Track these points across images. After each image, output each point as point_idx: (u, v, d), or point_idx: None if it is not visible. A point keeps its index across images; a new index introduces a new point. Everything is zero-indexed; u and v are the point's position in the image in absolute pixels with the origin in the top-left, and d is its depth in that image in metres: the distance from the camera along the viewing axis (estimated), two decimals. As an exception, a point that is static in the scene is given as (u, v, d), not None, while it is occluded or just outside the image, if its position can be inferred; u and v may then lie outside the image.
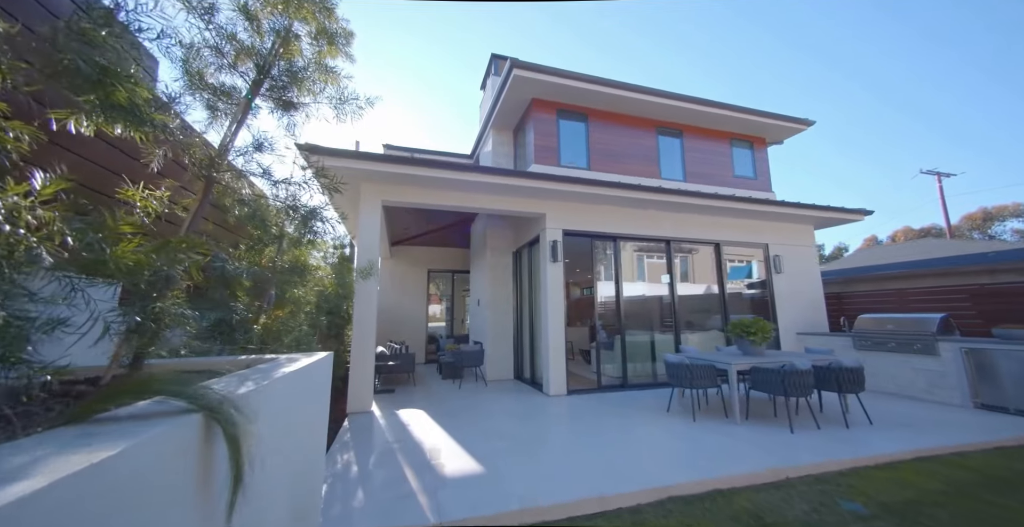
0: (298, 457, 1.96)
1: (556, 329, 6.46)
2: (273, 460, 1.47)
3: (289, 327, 3.29)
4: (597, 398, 6.11)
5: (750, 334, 5.14)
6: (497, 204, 6.51)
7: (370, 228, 5.82)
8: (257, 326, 2.85)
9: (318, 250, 4.92)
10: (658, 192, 6.72)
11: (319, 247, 4.87)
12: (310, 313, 4.67)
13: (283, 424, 1.73)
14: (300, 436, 2.03)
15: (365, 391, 5.45)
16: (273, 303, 3.18)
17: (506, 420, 4.89)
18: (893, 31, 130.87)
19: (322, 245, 4.87)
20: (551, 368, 6.30)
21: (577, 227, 6.91)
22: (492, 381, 7.76)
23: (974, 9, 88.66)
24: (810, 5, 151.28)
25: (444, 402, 5.98)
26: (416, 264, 11.71)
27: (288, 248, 3.07)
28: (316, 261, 5.18)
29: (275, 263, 2.97)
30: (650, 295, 7.59)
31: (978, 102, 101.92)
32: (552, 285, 6.58)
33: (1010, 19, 66.36)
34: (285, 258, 3.10)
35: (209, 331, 2.69)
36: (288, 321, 3.32)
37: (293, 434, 1.90)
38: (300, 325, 3.32)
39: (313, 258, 4.97)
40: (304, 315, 4.48)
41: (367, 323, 5.58)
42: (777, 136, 9.62)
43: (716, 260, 7.81)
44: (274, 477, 1.53)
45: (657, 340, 7.27)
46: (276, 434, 1.60)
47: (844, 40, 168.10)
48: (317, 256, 5.13)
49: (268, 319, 2.98)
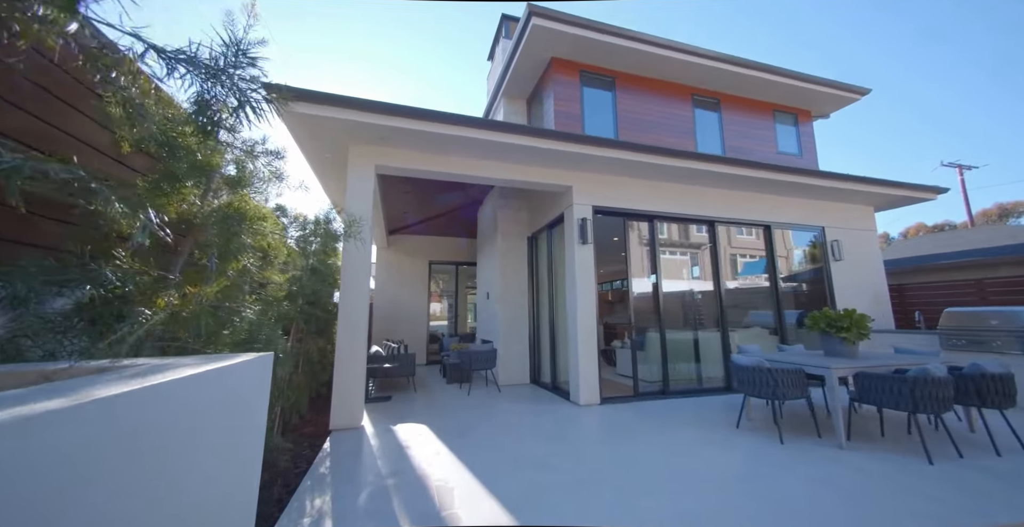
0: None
1: (587, 326, 5.36)
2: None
3: (229, 314, 2.17)
4: (636, 408, 5.01)
5: (841, 330, 4.04)
6: (514, 173, 5.41)
7: (361, 199, 4.72)
8: (160, 309, 1.75)
9: (289, 219, 3.81)
10: (708, 160, 5.62)
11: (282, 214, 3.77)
12: (277, 302, 3.57)
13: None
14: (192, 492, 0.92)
15: (354, 401, 4.35)
16: (216, 270, 2.08)
17: (534, 440, 3.79)
18: (892, 30, 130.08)
19: (273, 191, 3.76)
20: (581, 372, 5.20)
21: (608, 204, 5.81)
22: (505, 386, 6.67)
23: (973, 9, 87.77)
24: (809, 5, 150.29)
25: (452, 413, 4.87)
26: (416, 255, 10.61)
27: (223, 187, 1.96)
28: (288, 242, 4.07)
29: (199, 208, 1.87)
30: (674, 289, 6.49)
31: (978, 101, 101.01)
32: (581, 272, 5.47)
33: (1010, 19, 65.41)
34: (220, 204, 1.99)
35: (67, 319, 1.58)
36: (230, 304, 2.21)
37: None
38: (241, 309, 2.21)
39: (286, 236, 3.87)
40: (270, 304, 3.38)
41: (356, 314, 4.48)
42: (824, 108, 8.51)
43: (767, 245, 6.70)
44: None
45: (701, 339, 6.17)
46: None
47: (842, 39, 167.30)
48: (287, 227, 4.02)
49: (181, 300, 1.87)
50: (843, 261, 6.88)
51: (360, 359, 4.44)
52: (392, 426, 4.40)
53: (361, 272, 4.56)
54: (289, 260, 3.82)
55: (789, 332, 6.55)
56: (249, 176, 2.07)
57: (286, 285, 3.76)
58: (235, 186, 2.02)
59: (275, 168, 2.23)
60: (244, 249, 2.06)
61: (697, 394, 5.75)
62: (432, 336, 10.70)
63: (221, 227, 1.92)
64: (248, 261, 2.21)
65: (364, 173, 4.78)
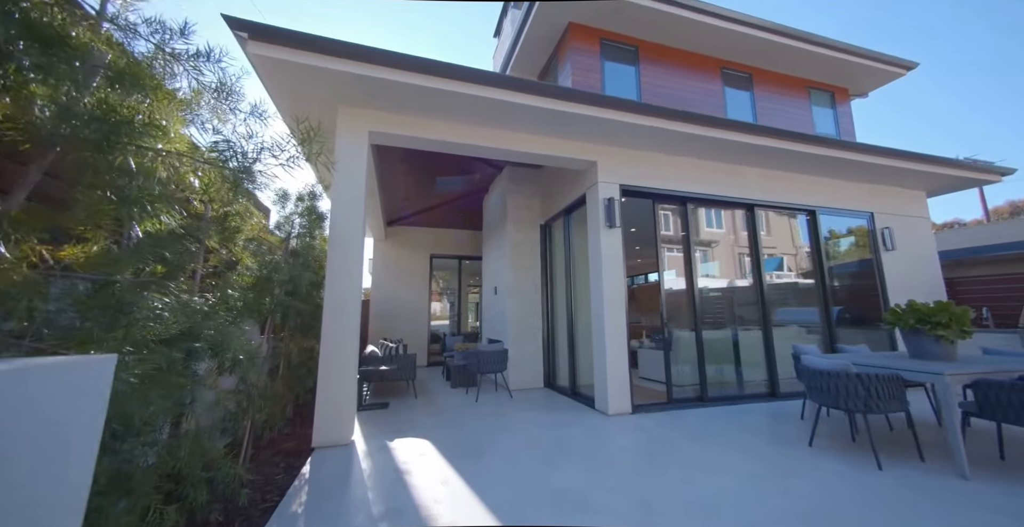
0: None
1: (616, 323, 4.62)
2: None
3: (127, 296, 1.41)
4: (674, 419, 4.28)
5: (937, 326, 3.30)
6: (531, 145, 4.66)
7: (352, 172, 3.97)
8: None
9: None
10: (752, 131, 4.88)
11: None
12: (242, 290, 2.82)
13: None
14: None
15: (342, 412, 3.61)
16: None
17: (567, 464, 3.04)
18: (891, 28, 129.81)
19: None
20: (610, 377, 4.46)
21: (637, 183, 5.06)
22: (516, 390, 5.93)
23: (973, 8, 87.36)
24: (810, 5, 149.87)
25: (460, 425, 4.13)
26: (416, 248, 9.86)
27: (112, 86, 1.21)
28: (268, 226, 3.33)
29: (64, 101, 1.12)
30: (704, 284, 5.76)
31: (978, 100, 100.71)
32: (609, 260, 4.73)
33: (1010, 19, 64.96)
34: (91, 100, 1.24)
35: None
36: (122, 278, 1.44)
37: None
38: (166, 292, 1.45)
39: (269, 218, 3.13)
40: (229, 291, 2.63)
41: (347, 305, 3.73)
42: (863, 85, 7.77)
43: (812, 233, 5.97)
44: None
45: (741, 339, 5.43)
46: None
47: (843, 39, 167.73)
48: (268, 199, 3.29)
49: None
50: (895, 251, 6.14)
51: (351, 361, 3.69)
52: (389, 442, 3.66)
53: (351, 249, 3.81)
54: (257, 238, 3.07)
55: (813, 329, 5.80)
56: (147, 70, 1.31)
57: (255, 268, 3.01)
58: (128, 83, 1.27)
59: (206, 80, 1.48)
60: (148, 194, 1.32)
61: (738, 401, 5.01)
62: (433, 336, 9.96)
63: (93, 132, 1.15)
64: (166, 214, 1.46)
65: (356, 140, 4.03)
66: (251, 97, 1.91)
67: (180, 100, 1.39)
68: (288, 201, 3.79)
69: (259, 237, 3.13)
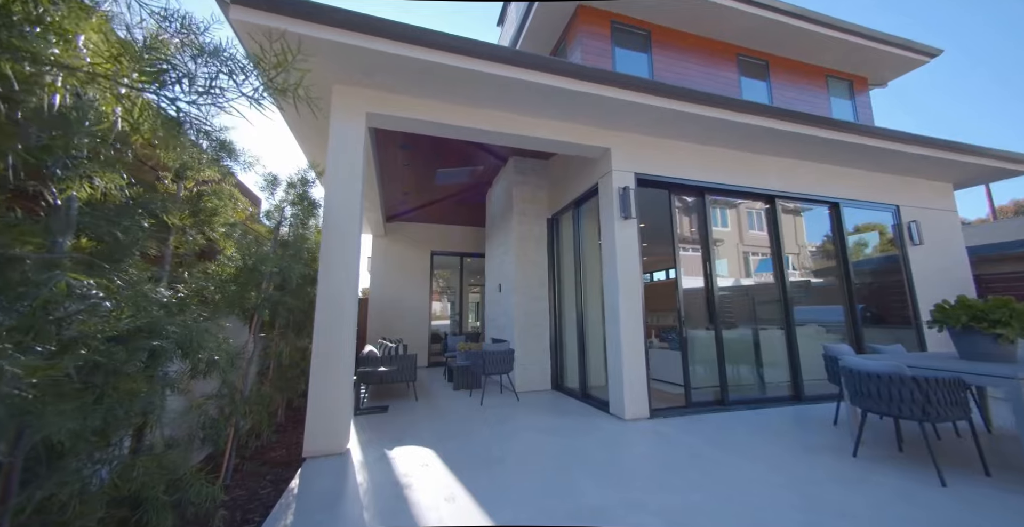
0: None
1: (632, 322, 4.30)
2: None
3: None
4: (695, 424, 3.96)
5: (996, 325, 2.98)
6: (540, 130, 4.34)
7: (349, 156, 3.65)
8: None
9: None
10: (778, 116, 4.56)
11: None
12: (223, 282, 2.50)
13: None
14: None
15: (336, 418, 3.28)
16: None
17: (587, 479, 2.72)
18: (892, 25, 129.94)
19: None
20: (626, 380, 4.14)
21: (652, 171, 4.74)
22: (523, 393, 5.61)
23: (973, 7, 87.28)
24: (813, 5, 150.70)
25: (466, 431, 3.81)
26: (417, 245, 9.54)
27: None
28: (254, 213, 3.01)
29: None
30: (704, 283, 5.44)
31: (976, 101, 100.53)
32: (624, 254, 4.41)
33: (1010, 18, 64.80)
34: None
35: None
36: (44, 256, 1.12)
37: None
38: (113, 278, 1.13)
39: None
40: (206, 283, 2.31)
41: (341, 299, 3.41)
42: (884, 73, 7.45)
43: (835, 227, 5.64)
44: None
45: (762, 339, 5.11)
46: None
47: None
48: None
49: None
50: (923, 246, 5.82)
51: (346, 361, 3.37)
52: (388, 450, 3.34)
53: (347, 239, 3.49)
54: (240, 224, 2.75)
55: (834, 329, 5.48)
56: None
57: (239, 258, 2.68)
58: None
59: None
60: (63, 141, 0.99)
61: (760, 405, 4.69)
62: (434, 335, 9.64)
63: None
64: (103, 178, 1.13)
65: (352, 122, 3.71)
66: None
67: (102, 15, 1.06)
68: (278, 187, 3.46)
69: (245, 225, 2.80)
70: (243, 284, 2.68)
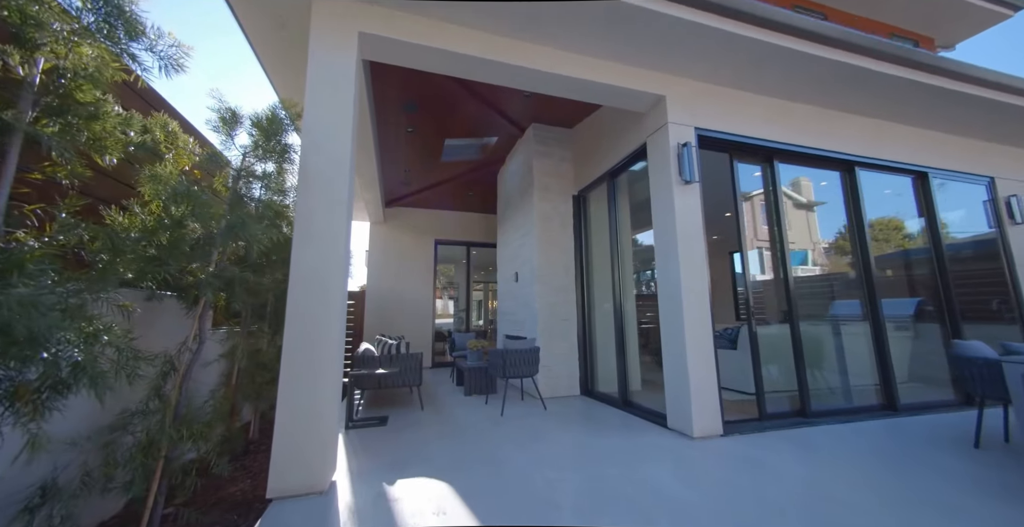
0: None
1: (697, 313, 3.40)
2: None
3: None
4: (784, 442, 3.06)
5: None
6: (582, 69, 3.43)
7: (335, 88, 2.74)
8: None
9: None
10: (881, 56, 3.64)
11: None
12: (133, 242, 1.58)
13: None
14: None
15: (318, 439, 2.36)
16: None
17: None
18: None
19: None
20: (693, 387, 3.23)
21: (714, 127, 3.84)
22: (548, 399, 4.70)
23: None
24: None
25: (491, 455, 2.89)
26: (419, 232, 8.63)
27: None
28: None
29: None
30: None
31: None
32: (685, 228, 3.51)
33: None
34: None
35: None
36: None
37: None
38: None
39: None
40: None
41: (328, 279, 2.49)
42: (956, 32, 6.55)
43: (923, 200, 4.74)
44: None
45: (844, 336, 4.23)
46: None
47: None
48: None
49: None
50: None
51: (331, 362, 2.45)
52: (388, 485, 2.43)
53: (332, 194, 2.57)
54: (152, 146, 1.83)
55: (905, 325, 4.57)
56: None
57: (157, 206, 1.76)
58: None
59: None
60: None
61: (848, 417, 3.80)
62: (437, 333, 8.72)
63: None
64: None
65: (340, 46, 2.80)
66: None
67: None
68: (238, 126, 2.55)
69: (192, 176, 1.89)
70: (170, 248, 1.76)
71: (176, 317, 2.41)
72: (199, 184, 2.24)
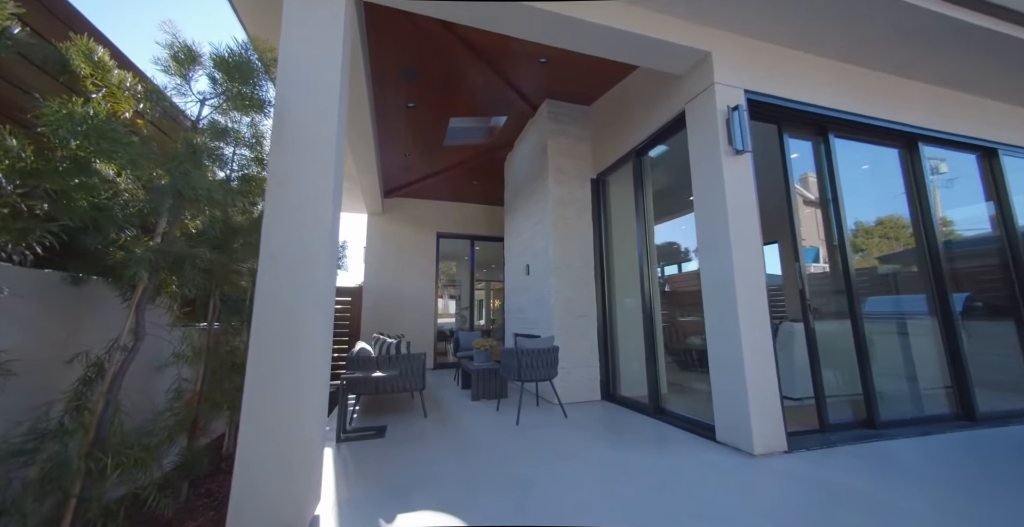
0: None
1: (754, 306, 2.86)
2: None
3: None
4: (866, 461, 2.53)
5: None
6: (614, 17, 2.89)
7: (320, 22, 2.20)
8: None
9: None
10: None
11: None
12: None
13: None
14: None
15: (296, 463, 1.83)
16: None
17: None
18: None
19: None
20: (752, 395, 2.69)
21: (764, 90, 3.30)
22: (567, 405, 4.16)
23: None
24: None
25: (513, 477, 2.35)
26: (420, 224, 8.09)
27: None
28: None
29: None
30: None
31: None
32: (737, 206, 2.97)
33: None
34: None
35: None
36: None
37: None
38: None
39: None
40: None
41: (312, 255, 1.95)
42: None
43: (992, 181, 4.21)
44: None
45: (913, 336, 3.70)
46: None
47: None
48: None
49: None
50: (1100, 209, 4.38)
51: (315, 363, 1.91)
52: (387, 523, 1.89)
53: (316, 152, 2.03)
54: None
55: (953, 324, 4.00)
56: None
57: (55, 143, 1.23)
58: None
59: None
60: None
61: (922, 427, 3.26)
62: (439, 333, 8.18)
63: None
64: None
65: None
66: None
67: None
68: (196, 67, 2.01)
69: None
70: (69, 203, 1.22)
71: (119, 310, 1.87)
72: (139, 134, 1.71)
